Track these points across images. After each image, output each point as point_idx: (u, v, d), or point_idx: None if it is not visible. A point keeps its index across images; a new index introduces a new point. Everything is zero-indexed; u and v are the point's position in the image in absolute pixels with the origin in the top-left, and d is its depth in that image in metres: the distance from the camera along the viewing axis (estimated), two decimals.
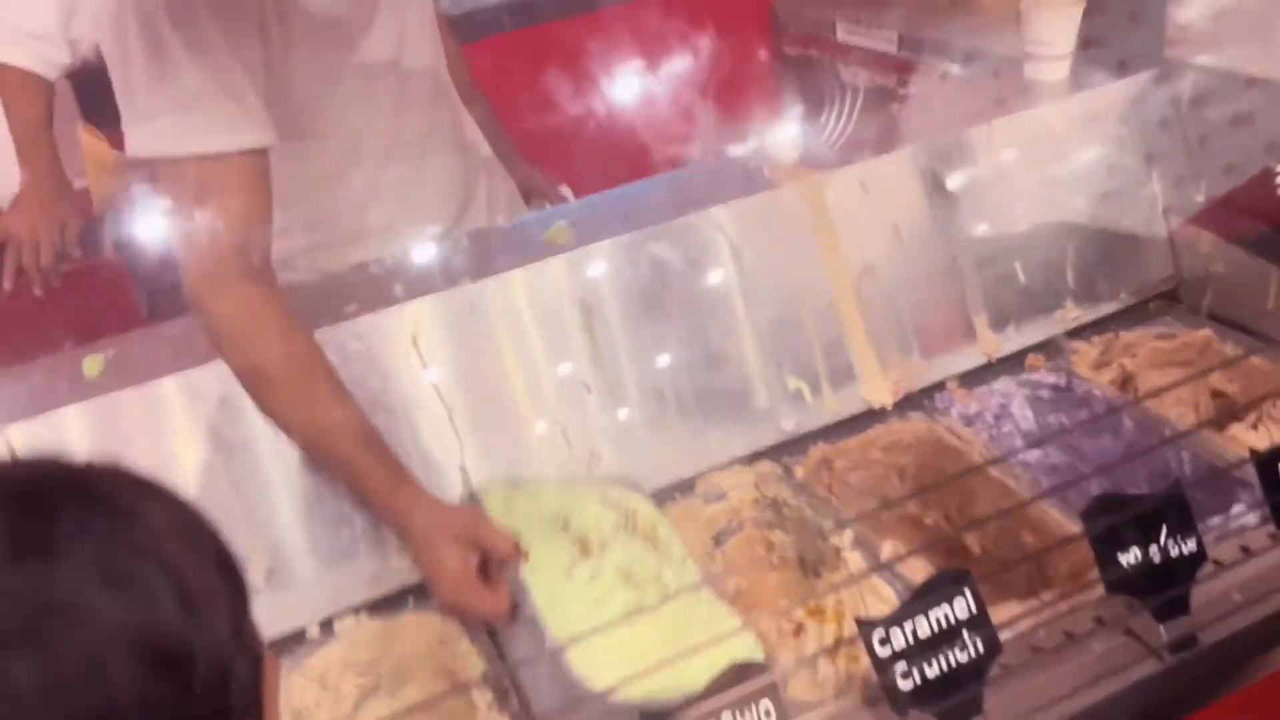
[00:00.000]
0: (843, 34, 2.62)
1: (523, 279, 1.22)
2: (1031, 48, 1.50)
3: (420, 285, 1.21)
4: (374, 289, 1.21)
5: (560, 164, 1.76)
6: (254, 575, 1.11)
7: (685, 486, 1.28)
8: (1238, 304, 1.42)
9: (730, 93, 1.77)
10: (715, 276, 1.29)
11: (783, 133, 1.73)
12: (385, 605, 1.17)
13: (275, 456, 1.13)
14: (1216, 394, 1.40)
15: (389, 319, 1.18)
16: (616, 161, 1.52)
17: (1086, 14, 1.48)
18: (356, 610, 1.17)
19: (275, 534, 1.14)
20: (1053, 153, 1.46)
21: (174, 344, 1.18)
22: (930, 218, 1.39)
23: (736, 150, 1.54)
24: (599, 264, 1.24)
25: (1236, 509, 1.13)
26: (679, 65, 1.73)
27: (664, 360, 1.27)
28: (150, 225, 1.34)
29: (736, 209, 1.30)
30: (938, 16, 2.46)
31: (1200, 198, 1.47)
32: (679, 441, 1.28)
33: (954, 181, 1.40)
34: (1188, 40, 1.51)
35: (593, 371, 1.24)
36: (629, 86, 1.84)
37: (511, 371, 1.21)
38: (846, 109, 2.34)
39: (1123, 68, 1.48)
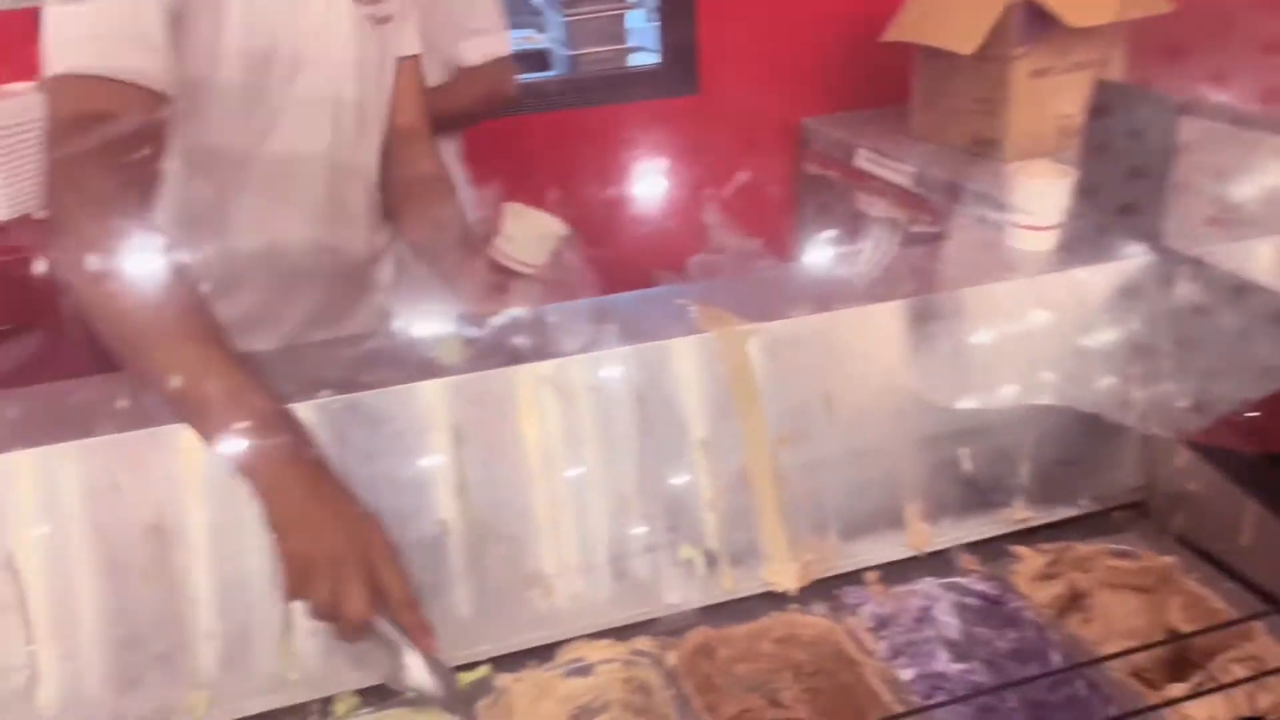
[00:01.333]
0: (863, 162, 2.52)
1: (392, 397, 1.10)
2: (1016, 216, 1.37)
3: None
4: None
5: None
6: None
7: (543, 653, 1.14)
8: (1210, 532, 1.25)
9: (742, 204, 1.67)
10: (616, 419, 1.16)
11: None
12: None
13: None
14: (1173, 632, 1.23)
15: None
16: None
17: (1083, 191, 1.35)
18: None
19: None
20: (1023, 332, 1.32)
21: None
22: (873, 385, 1.26)
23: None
24: (478, 388, 1.12)
25: None
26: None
27: (542, 503, 1.14)
28: None
29: (649, 351, 1.18)
30: (955, 159, 2.36)
31: (1183, 405, 1.31)
32: (541, 601, 1.14)
33: (907, 348, 1.26)
34: (1192, 231, 1.37)
35: (455, 507, 1.11)
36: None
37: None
38: (860, 240, 2.23)
39: (1109, 251, 1.35)
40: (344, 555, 0.92)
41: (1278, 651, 1.06)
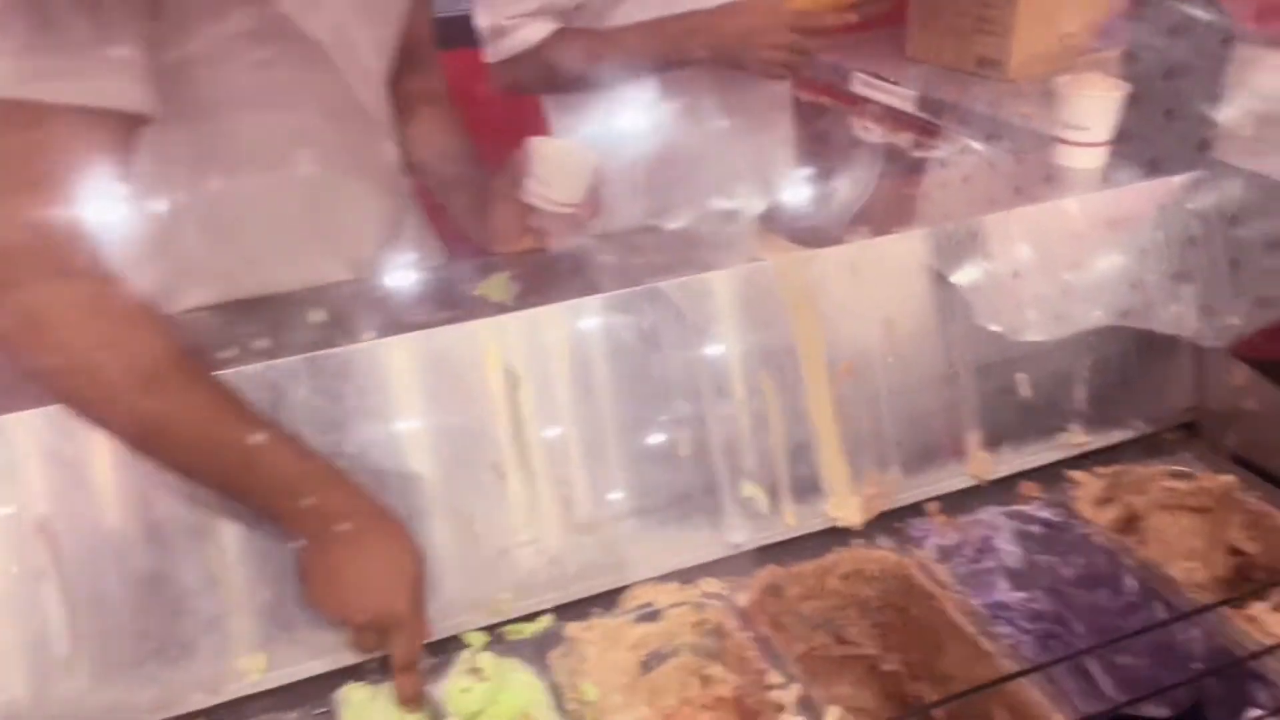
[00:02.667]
0: (859, 86, 2.46)
1: (431, 339, 1.03)
2: (1065, 132, 1.32)
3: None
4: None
5: None
6: None
7: (608, 601, 1.09)
8: (1268, 449, 1.24)
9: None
10: (668, 357, 1.11)
11: (782, 191, 1.56)
12: None
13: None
14: (1234, 552, 1.22)
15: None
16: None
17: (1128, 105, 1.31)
18: None
19: None
20: (1073, 254, 1.28)
21: None
22: (928, 313, 1.21)
23: (725, 204, 1.37)
24: (536, 328, 1.06)
25: (1252, 712, 0.95)
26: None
27: (598, 447, 1.09)
28: None
29: (703, 282, 1.12)
30: (962, 79, 2.30)
31: (1236, 321, 1.29)
32: (608, 546, 1.09)
33: (959, 275, 1.22)
34: (1240, 142, 1.34)
35: (513, 452, 1.05)
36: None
37: (411, 447, 1.02)
38: (856, 170, 2.18)
39: (1157, 166, 1.31)
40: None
41: None
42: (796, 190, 1.65)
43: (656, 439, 1.11)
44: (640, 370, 1.09)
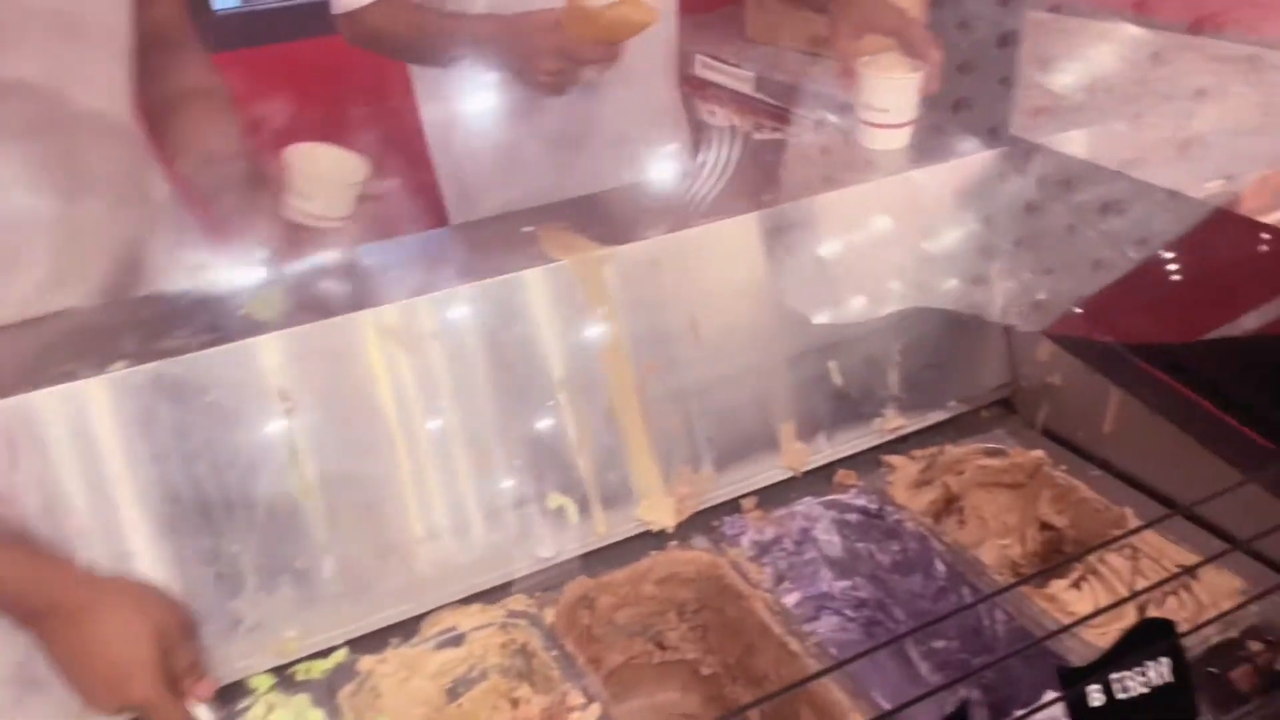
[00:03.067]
0: (700, 68, 2.43)
1: (194, 364, 0.95)
2: (866, 114, 1.31)
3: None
4: None
5: None
6: None
7: (409, 629, 1.04)
8: (1074, 422, 1.26)
9: None
10: (464, 369, 1.06)
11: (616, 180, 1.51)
12: None
13: None
14: (1045, 526, 1.24)
15: None
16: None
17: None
18: None
19: None
20: (882, 236, 1.27)
21: None
22: (736, 305, 1.19)
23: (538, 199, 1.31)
24: (308, 347, 0.99)
25: (1048, 694, 0.95)
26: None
27: (384, 467, 1.03)
28: None
29: (496, 287, 1.07)
30: (802, 59, 2.30)
31: (1042, 296, 1.30)
32: (405, 571, 1.04)
33: (766, 263, 1.20)
34: (1045, 120, 1.35)
35: (293, 478, 0.99)
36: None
37: (176, 483, 0.94)
38: (697, 156, 2.15)
39: (965, 144, 1.31)
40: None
41: (1150, 537, 1.07)
42: (633, 179, 1.60)
43: (457, 456, 1.06)
44: (432, 385, 1.04)
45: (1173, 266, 1.21)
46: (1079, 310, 1.27)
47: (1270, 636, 0.96)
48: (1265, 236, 1.15)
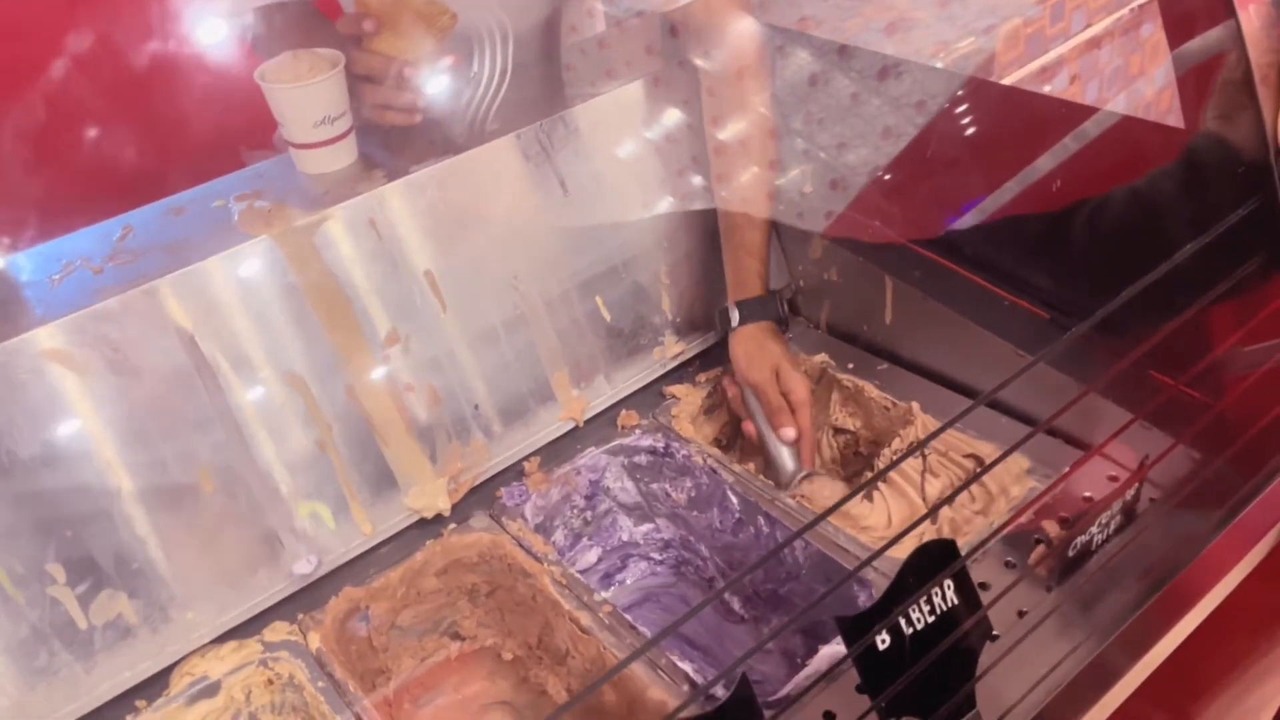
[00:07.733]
0: None
1: None
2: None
3: None
4: None
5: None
6: None
7: (157, 686, 0.90)
8: (856, 317, 1.21)
9: None
10: (170, 376, 0.90)
11: None
12: None
13: None
14: (839, 431, 1.19)
15: None
16: None
17: None
18: None
19: None
20: (639, 140, 1.16)
21: None
22: (480, 250, 1.06)
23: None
24: None
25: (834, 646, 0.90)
26: None
27: (97, 504, 0.88)
28: None
29: (191, 277, 0.91)
30: None
31: (815, 190, 1.23)
32: (129, 622, 0.90)
33: (506, 201, 1.07)
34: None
35: None
36: None
37: None
38: None
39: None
40: None
41: (935, 427, 1.03)
42: None
43: (174, 480, 0.91)
44: (139, 403, 0.88)
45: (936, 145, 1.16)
46: (851, 213, 1.20)
47: (1064, 513, 0.94)
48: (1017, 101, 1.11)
